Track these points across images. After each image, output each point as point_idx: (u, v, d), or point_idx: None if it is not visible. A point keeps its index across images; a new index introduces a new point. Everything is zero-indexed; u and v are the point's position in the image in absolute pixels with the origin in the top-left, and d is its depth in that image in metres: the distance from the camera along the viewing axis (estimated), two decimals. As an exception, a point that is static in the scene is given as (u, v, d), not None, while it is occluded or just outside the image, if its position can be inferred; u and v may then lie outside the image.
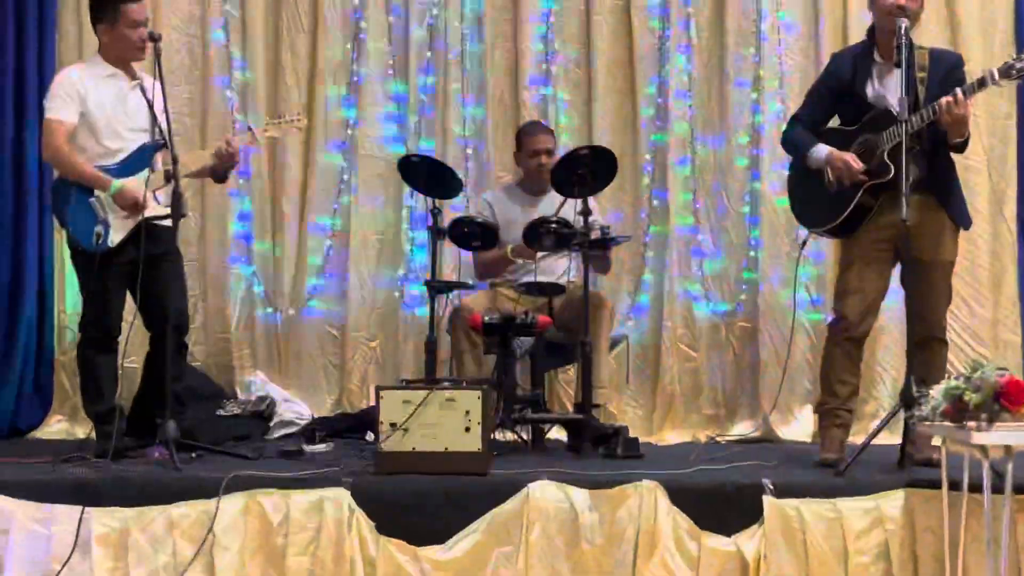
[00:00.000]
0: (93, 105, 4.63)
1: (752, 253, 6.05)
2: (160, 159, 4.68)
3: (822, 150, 4.58)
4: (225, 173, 4.93)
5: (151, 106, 4.68)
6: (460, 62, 6.17)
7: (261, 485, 3.86)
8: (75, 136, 4.63)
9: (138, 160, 4.66)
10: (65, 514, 3.79)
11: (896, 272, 4.65)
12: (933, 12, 5.84)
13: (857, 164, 4.44)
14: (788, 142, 4.86)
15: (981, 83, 4.25)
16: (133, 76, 4.75)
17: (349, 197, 6.13)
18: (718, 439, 5.67)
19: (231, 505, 3.80)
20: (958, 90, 4.23)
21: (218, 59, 6.16)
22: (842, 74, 4.69)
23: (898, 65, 4.34)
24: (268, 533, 3.80)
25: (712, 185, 6.13)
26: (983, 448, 3.28)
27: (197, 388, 5.75)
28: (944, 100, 4.21)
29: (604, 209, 5.86)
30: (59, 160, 4.66)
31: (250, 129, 4.91)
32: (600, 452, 4.73)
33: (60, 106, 4.61)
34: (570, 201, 5.08)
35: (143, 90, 4.72)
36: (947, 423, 3.42)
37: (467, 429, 4.05)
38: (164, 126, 4.68)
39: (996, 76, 4.25)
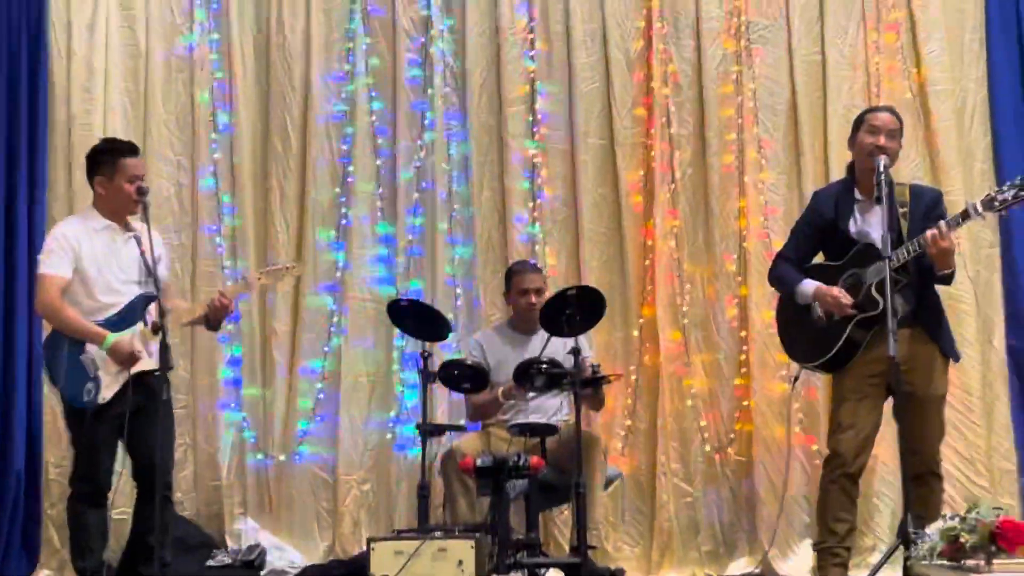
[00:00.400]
0: (87, 259, 4.61)
1: (747, 375, 6.04)
2: (153, 310, 4.64)
3: (809, 285, 4.63)
4: (219, 322, 4.90)
5: (151, 260, 4.59)
6: (448, 203, 6.23)
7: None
8: (68, 290, 4.60)
9: (131, 313, 4.64)
10: None
11: (888, 404, 4.62)
12: (912, 143, 5.95)
13: (846, 298, 4.48)
14: (775, 278, 4.92)
15: (964, 216, 4.34)
16: (127, 228, 4.74)
17: (339, 339, 6.12)
18: (717, 577, 5.63)
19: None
20: (942, 223, 4.32)
21: (207, 206, 6.22)
22: (824, 211, 4.77)
23: (878, 201, 4.42)
24: None
25: (701, 315, 6.14)
26: (985, 596, 3.26)
27: (186, 538, 5.68)
28: (929, 233, 4.29)
29: (596, 345, 5.86)
30: (53, 315, 4.62)
31: (244, 278, 4.93)
32: (599, 596, 4.68)
33: (54, 261, 4.59)
34: (559, 339, 5.10)
35: (138, 241, 4.64)
36: (947, 563, 3.40)
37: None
38: (155, 277, 4.63)
39: (979, 208, 4.34)
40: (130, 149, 4.82)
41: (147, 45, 6.26)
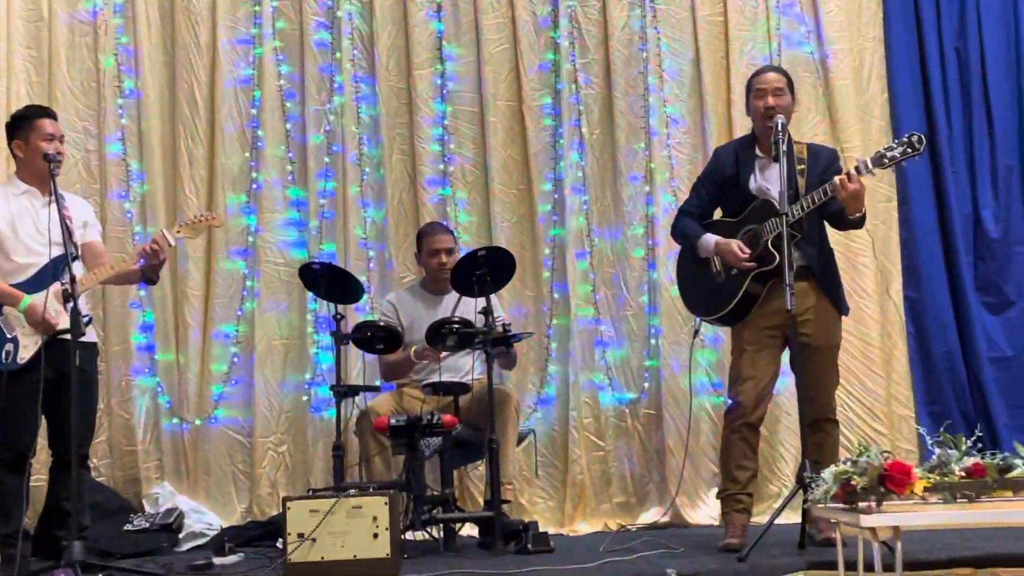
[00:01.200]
0: (2, 221, 4.62)
1: (653, 341, 6.11)
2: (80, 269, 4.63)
3: (710, 239, 4.70)
4: (155, 273, 4.86)
5: (63, 221, 4.53)
6: (358, 166, 6.23)
7: (170, 604, 3.84)
8: None
9: (46, 275, 4.60)
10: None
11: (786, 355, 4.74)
12: (812, 103, 6.09)
13: (745, 252, 4.57)
14: (677, 233, 4.98)
15: (858, 170, 4.41)
16: (48, 193, 4.69)
17: (253, 303, 6.11)
18: (628, 527, 5.72)
19: (140, 626, 3.79)
20: (850, 167, 4.41)
21: (115, 172, 6.16)
22: (725, 168, 4.83)
23: (776, 160, 4.53)
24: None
25: (611, 277, 6.22)
26: (872, 529, 3.35)
27: (102, 503, 5.64)
28: (838, 179, 4.37)
29: (506, 305, 5.92)
30: None
31: (163, 232, 4.87)
32: (511, 548, 4.73)
33: None
34: (470, 299, 5.16)
35: (59, 205, 4.56)
36: (839, 506, 3.49)
37: (375, 535, 4.06)
38: (69, 238, 4.58)
39: (869, 165, 4.43)
40: (45, 112, 4.81)
41: (49, 9, 6.14)
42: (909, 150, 4.42)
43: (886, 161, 4.46)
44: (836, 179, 4.40)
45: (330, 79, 6.27)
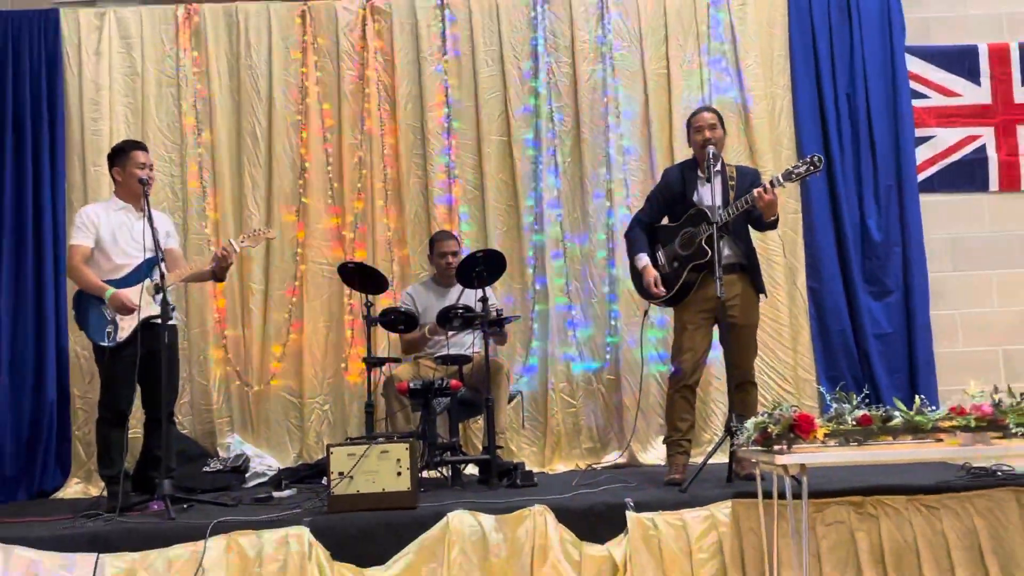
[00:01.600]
0: (104, 231, 4.67)
1: (613, 322, 6.09)
2: (163, 270, 4.63)
3: (642, 260, 4.75)
4: (223, 273, 4.90)
5: (155, 232, 4.60)
6: (383, 187, 6.19)
7: (239, 527, 3.82)
8: (92, 256, 4.65)
9: (139, 273, 4.65)
10: (83, 560, 3.73)
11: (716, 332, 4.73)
12: (736, 136, 6.08)
13: (659, 290, 4.63)
14: (628, 239, 4.95)
15: (772, 184, 4.43)
16: (140, 210, 4.72)
17: (301, 295, 6.10)
18: (594, 466, 5.70)
19: (216, 545, 3.77)
20: (766, 182, 4.45)
21: (195, 193, 6.13)
22: (673, 185, 4.81)
23: (708, 180, 4.55)
24: (246, 566, 3.76)
25: (580, 272, 6.18)
26: (785, 466, 3.38)
27: (186, 450, 5.64)
28: (756, 191, 4.41)
29: (499, 294, 5.91)
30: (75, 275, 4.69)
31: (230, 242, 4.91)
32: (504, 483, 4.73)
33: (79, 235, 4.69)
34: (471, 290, 5.15)
35: (149, 220, 4.62)
36: (759, 448, 3.53)
37: (399, 474, 4.04)
38: (157, 245, 4.61)
39: (780, 179, 4.46)
40: (138, 145, 4.86)
41: (142, 66, 6.15)
42: (811, 168, 4.43)
43: (793, 176, 4.47)
44: (755, 191, 4.42)
45: (361, 119, 6.23)
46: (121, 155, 4.77)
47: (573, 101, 6.26)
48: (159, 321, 4.47)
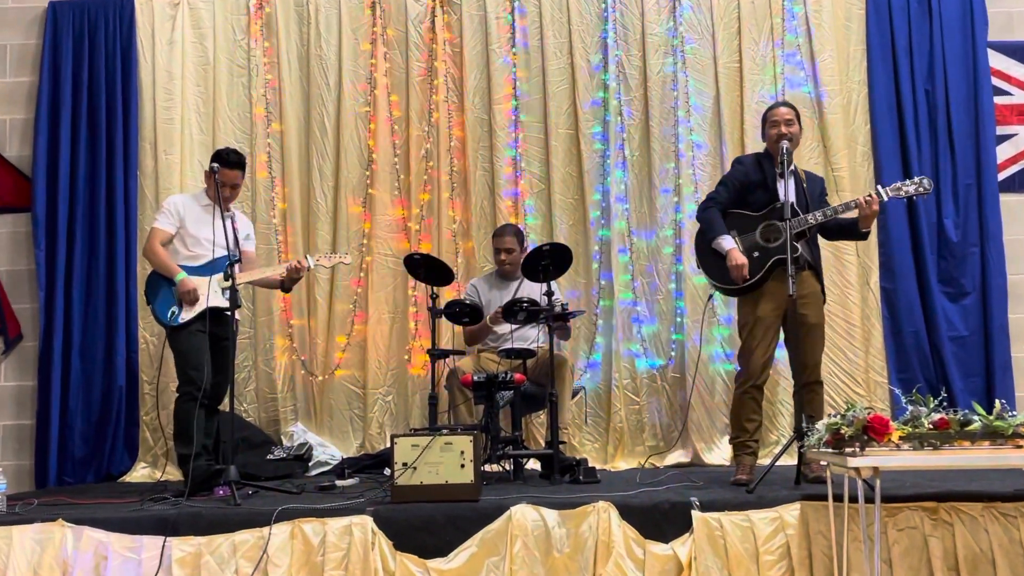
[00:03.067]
0: (188, 221, 4.84)
1: (678, 319, 6.05)
2: (237, 269, 4.76)
3: (727, 243, 4.58)
4: (291, 284, 5.07)
5: (235, 233, 4.78)
6: (450, 179, 6.22)
7: (303, 515, 3.86)
8: (172, 241, 4.82)
9: (214, 266, 4.78)
10: (151, 543, 3.80)
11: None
12: (809, 131, 5.96)
13: (745, 273, 4.50)
14: (704, 219, 4.74)
15: (877, 193, 4.43)
16: (227, 209, 4.88)
17: (367, 286, 6.15)
18: (657, 465, 5.68)
19: (280, 531, 3.81)
20: (880, 189, 4.45)
21: (263, 183, 6.23)
22: (750, 171, 4.70)
23: (781, 176, 4.50)
24: (310, 553, 3.80)
25: (646, 268, 6.14)
26: (857, 469, 3.32)
27: (250, 438, 5.75)
28: (864, 197, 4.40)
29: (563, 289, 5.91)
30: (152, 255, 4.84)
31: (305, 257, 5.03)
32: (566, 479, 4.72)
33: (163, 219, 4.87)
34: (535, 284, 5.14)
35: (232, 221, 4.85)
36: (830, 450, 3.46)
37: (462, 466, 4.05)
38: (238, 245, 4.82)
39: (888, 193, 4.47)
40: (236, 163, 4.92)
41: (214, 55, 6.26)
42: (920, 190, 4.43)
43: (901, 192, 4.47)
44: (862, 197, 4.39)
45: (429, 111, 6.25)
46: (222, 165, 4.84)
47: (643, 95, 6.22)
48: (226, 311, 4.58)
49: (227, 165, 4.86)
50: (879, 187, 4.48)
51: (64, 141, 6.13)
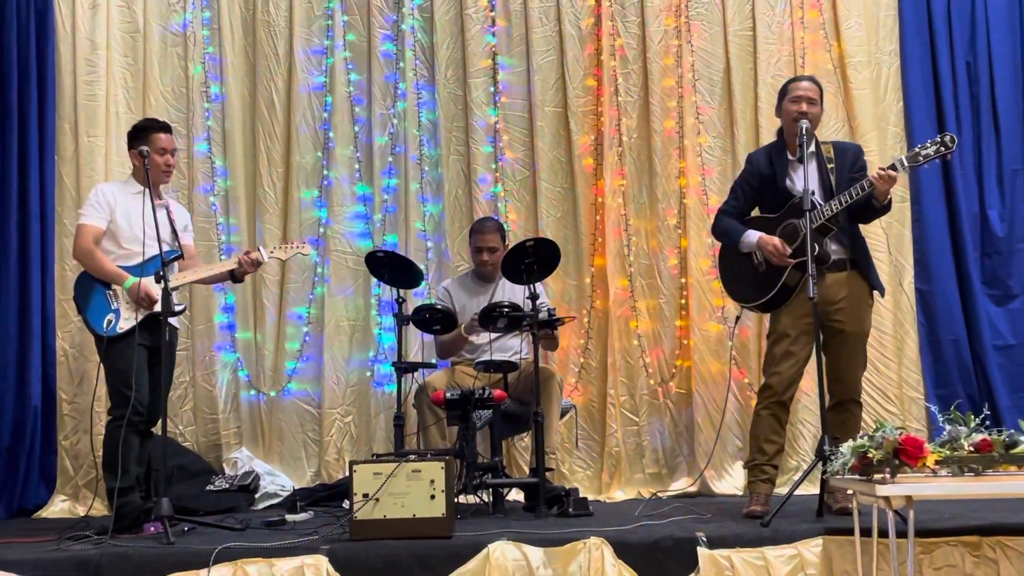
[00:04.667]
0: (119, 214, 4.75)
1: (684, 319, 6.07)
2: (176, 267, 4.77)
3: (753, 235, 4.63)
4: (243, 276, 5.04)
5: (172, 224, 4.79)
6: (419, 165, 6.21)
7: (247, 555, 3.82)
8: (102, 239, 4.73)
9: (152, 266, 4.69)
10: (70, 592, 3.77)
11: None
12: (833, 110, 6.00)
13: (786, 249, 4.51)
14: (719, 231, 4.87)
15: (894, 168, 4.36)
16: (159, 197, 4.83)
17: (323, 288, 6.14)
18: (659, 495, 5.67)
19: (220, 574, 3.76)
20: (897, 161, 4.38)
21: (202, 168, 6.21)
22: (762, 169, 4.75)
23: (800, 160, 4.50)
24: (254, 599, 3.78)
25: (646, 267, 6.16)
26: (887, 498, 3.32)
27: (187, 466, 5.72)
28: (874, 174, 4.34)
29: (550, 291, 5.91)
30: (87, 258, 4.73)
31: (259, 249, 5.00)
32: (554, 511, 4.72)
33: (91, 213, 4.77)
34: (519, 286, 5.14)
35: (168, 211, 4.83)
36: (856, 477, 3.46)
37: (432, 497, 4.04)
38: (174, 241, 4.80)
39: (905, 162, 4.39)
40: (162, 127, 4.93)
41: (145, 22, 6.22)
42: (942, 148, 4.34)
43: (920, 158, 4.38)
44: (875, 174, 4.34)
45: (394, 86, 6.26)
46: (141, 137, 4.82)
47: (642, 67, 6.24)
48: (162, 318, 4.55)
49: (158, 128, 4.85)
50: (896, 159, 4.44)
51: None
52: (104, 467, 4.73)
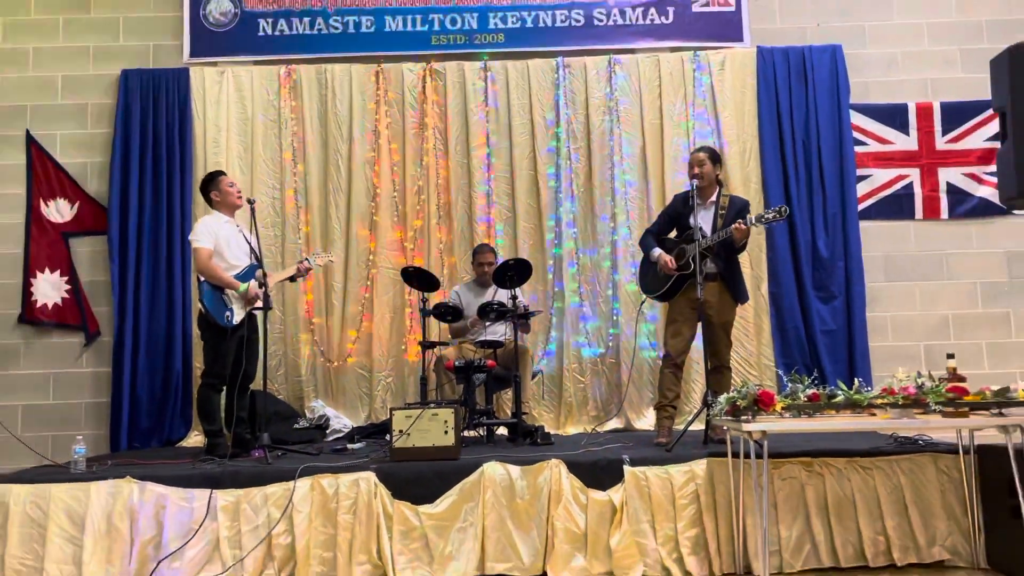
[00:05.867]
0: (221, 238, 4.61)
1: (614, 318, 6.05)
2: (259, 274, 4.70)
3: (656, 251, 4.63)
4: (301, 279, 5.04)
5: (248, 242, 4.71)
6: (437, 209, 6.18)
7: (321, 472, 3.83)
8: (211, 257, 4.60)
9: (248, 273, 4.66)
10: (200, 494, 3.77)
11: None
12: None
13: (672, 263, 4.51)
14: (642, 244, 4.81)
15: (747, 222, 4.35)
16: (236, 224, 4.76)
17: (371, 292, 6.10)
18: (597, 430, 5.68)
19: (303, 485, 3.78)
20: (742, 223, 4.33)
21: (291, 213, 6.16)
22: (677, 207, 4.70)
23: (694, 207, 4.50)
24: (326, 502, 3.77)
25: (589, 278, 6.13)
26: (750, 433, 3.34)
27: (280, 412, 5.69)
28: (734, 226, 4.33)
29: (526, 294, 5.88)
30: (208, 271, 4.54)
31: (306, 259, 4.98)
32: (527, 442, 4.72)
33: (204, 239, 4.57)
34: (504, 290, 5.14)
35: (242, 232, 4.74)
36: (729, 418, 3.48)
37: (446, 432, 4.04)
38: (259, 254, 4.71)
39: (754, 221, 4.38)
40: (221, 173, 4.84)
41: (252, 112, 6.19)
42: (778, 216, 4.34)
43: (763, 220, 4.37)
44: (732, 226, 4.33)
45: (421, 156, 6.22)
46: (212, 181, 4.75)
47: (586, 144, 6.22)
48: (260, 311, 4.53)
49: (219, 174, 4.79)
50: (748, 217, 4.42)
51: (133, 180, 6.04)
52: (199, 415, 4.67)
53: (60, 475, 3.93)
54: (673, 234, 4.79)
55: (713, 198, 4.55)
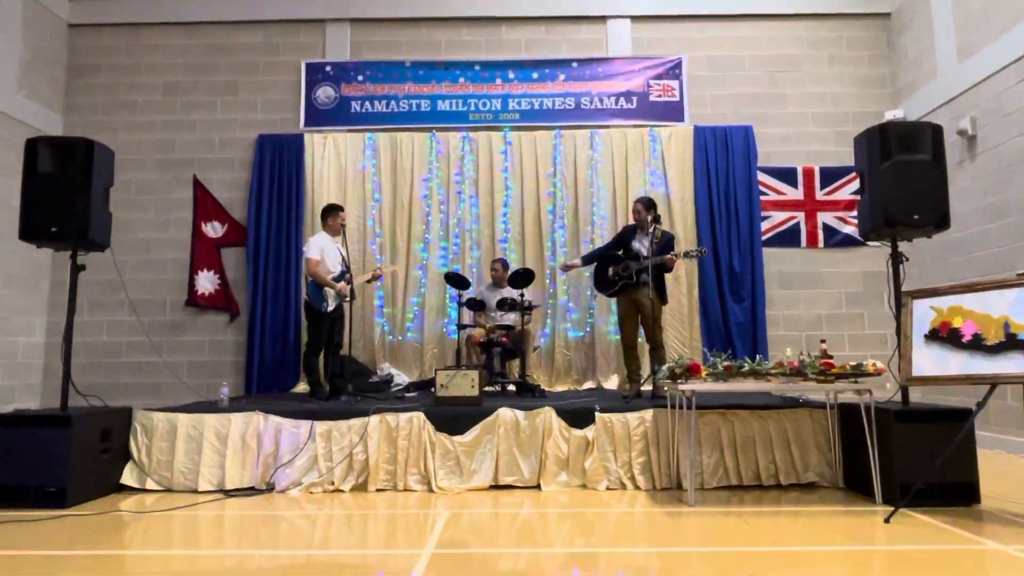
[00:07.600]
0: (326, 251, 4.66)
1: (591, 311, 6.02)
2: (347, 276, 4.72)
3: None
4: (375, 281, 5.06)
5: (341, 253, 4.73)
6: (469, 233, 6.16)
7: (387, 411, 3.84)
8: (318, 264, 4.64)
9: (341, 276, 4.69)
10: (305, 424, 3.79)
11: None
12: (663, 216, 5.94)
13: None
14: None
15: (677, 255, 4.35)
16: (336, 242, 4.79)
17: (424, 288, 6.09)
18: (578, 388, 5.65)
19: (375, 420, 3.80)
20: (675, 252, 4.35)
21: (370, 231, 6.15)
22: (626, 235, 4.72)
23: (642, 236, 4.49)
24: (390, 431, 3.78)
25: (574, 283, 6.09)
26: (683, 391, 3.33)
27: (360, 370, 5.69)
28: (668, 256, 4.33)
29: (531, 292, 5.85)
30: (317, 275, 4.60)
31: (379, 267, 5.01)
32: (529, 396, 4.67)
33: (314, 252, 4.63)
34: (516, 290, 5.12)
35: (337, 247, 4.76)
36: (670, 381, 3.48)
37: (473, 386, 4.05)
38: (348, 262, 4.74)
39: (682, 255, 4.37)
40: (340, 208, 4.86)
41: (345, 165, 6.20)
42: (699, 254, 4.38)
43: (689, 256, 4.39)
44: (667, 255, 4.33)
45: (459, 196, 6.21)
46: (332, 212, 4.80)
47: (574, 190, 6.19)
48: (346, 303, 4.54)
49: (339, 208, 4.79)
50: (678, 252, 4.43)
51: (264, 209, 6.07)
52: (305, 371, 4.72)
53: (211, 408, 3.99)
54: (621, 252, 4.79)
55: (650, 230, 4.55)
